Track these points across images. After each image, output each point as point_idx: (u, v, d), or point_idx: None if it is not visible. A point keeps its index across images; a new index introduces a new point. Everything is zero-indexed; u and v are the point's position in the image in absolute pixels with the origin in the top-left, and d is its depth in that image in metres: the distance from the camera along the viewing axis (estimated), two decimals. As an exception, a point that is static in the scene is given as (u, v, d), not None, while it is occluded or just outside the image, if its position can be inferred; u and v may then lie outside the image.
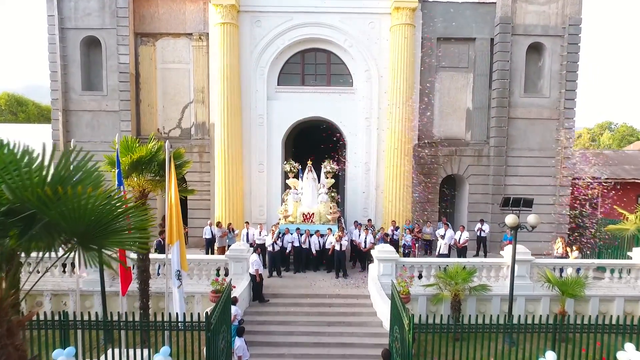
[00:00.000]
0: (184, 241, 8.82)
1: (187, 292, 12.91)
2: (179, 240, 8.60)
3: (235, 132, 18.00)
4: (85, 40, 17.94)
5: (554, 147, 18.54)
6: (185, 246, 19.23)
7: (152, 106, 18.95)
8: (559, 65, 18.23)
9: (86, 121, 18.25)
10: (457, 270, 12.32)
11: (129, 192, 11.30)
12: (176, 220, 8.70)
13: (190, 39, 18.73)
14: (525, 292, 12.99)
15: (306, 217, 15.96)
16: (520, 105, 18.53)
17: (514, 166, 18.66)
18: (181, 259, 8.62)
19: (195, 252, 18.06)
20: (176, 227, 8.68)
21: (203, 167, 18.91)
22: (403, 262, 13.32)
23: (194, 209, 19.03)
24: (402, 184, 17.95)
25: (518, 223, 11.36)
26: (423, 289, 12.66)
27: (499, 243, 18.44)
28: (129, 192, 11.30)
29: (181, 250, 8.76)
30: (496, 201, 18.60)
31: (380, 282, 12.82)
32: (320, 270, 15.44)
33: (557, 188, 18.56)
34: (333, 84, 18.99)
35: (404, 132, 17.84)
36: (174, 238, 8.60)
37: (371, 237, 15.43)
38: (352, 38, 18.17)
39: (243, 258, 13.14)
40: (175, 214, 8.69)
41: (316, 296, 13.18)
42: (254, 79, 18.37)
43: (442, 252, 15.27)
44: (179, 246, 8.55)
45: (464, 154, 19.00)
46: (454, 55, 18.92)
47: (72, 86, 18.09)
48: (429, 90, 18.90)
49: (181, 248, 8.76)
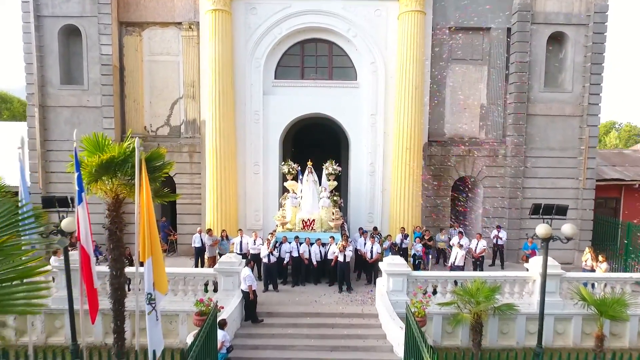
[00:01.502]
0: (161, 256, 7.23)
1: (171, 311, 11.43)
2: (152, 256, 7.00)
3: (228, 130, 16.43)
4: (64, 29, 16.37)
5: (577, 147, 16.97)
6: (174, 254, 17.90)
7: (138, 102, 17.38)
8: (583, 57, 16.66)
9: (65, 118, 16.68)
10: (478, 286, 10.76)
11: (102, 199, 9.83)
12: (149, 232, 7.12)
13: (179, 29, 17.18)
14: (555, 310, 11.44)
15: (306, 224, 14.39)
16: (540, 101, 16.96)
17: (532, 167, 17.08)
18: (157, 277, 7.02)
19: (185, 261, 16.53)
20: (149, 240, 7.09)
21: (193, 168, 17.34)
22: (416, 277, 11.76)
23: (184, 213, 17.46)
24: (411, 187, 16.37)
25: (551, 234, 9.79)
26: (438, 308, 11.09)
27: (517, 251, 16.94)
28: (102, 199, 9.83)
29: (156, 267, 7.16)
30: (513, 205, 17.06)
31: (390, 299, 11.28)
32: (321, 283, 13.89)
33: (580, 191, 16.99)
34: (335, 77, 17.42)
35: (413, 130, 16.26)
36: (147, 253, 7.01)
37: (378, 246, 13.87)
38: (356, 27, 16.59)
39: (234, 272, 11.58)
40: (148, 225, 7.11)
41: (317, 315, 11.63)
42: (249, 71, 16.80)
43: (458, 263, 13.68)
44: (151, 264, 6.96)
45: (478, 154, 17.43)
46: (467, 47, 17.36)
47: (49, 80, 16.52)
48: (440, 85, 17.36)
49: (156, 265, 7.16)
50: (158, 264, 6.98)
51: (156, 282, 6.90)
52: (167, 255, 17.56)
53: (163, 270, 7.12)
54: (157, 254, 6.97)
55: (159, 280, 6.94)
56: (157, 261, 6.98)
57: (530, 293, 11.89)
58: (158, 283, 6.92)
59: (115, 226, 9.31)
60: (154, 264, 6.93)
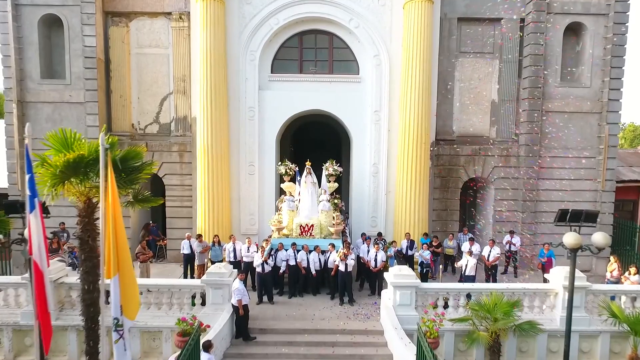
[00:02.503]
0: (132, 273, 6.04)
1: (154, 327, 10.26)
2: (118, 273, 5.81)
3: (221, 128, 15.27)
4: (45, 19, 15.22)
5: (596, 146, 15.81)
6: (164, 261, 16.74)
7: (124, 98, 16.22)
8: (602, 50, 15.50)
9: (46, 114, 15.54)
10: (496, 301, 9.63)
11: (73, 203, 8.71)
12: (115, 244, 5.93)
13: (169, 19, 16.02)
14: (580, 327, 10.26)
15: (304, 230, 13.23)
16: (556, 97, 15.79)
17: (548, 168, 15.91)
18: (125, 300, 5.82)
19: (174, 268, 15.42)
20: (115, 254, 5.89)
21: (184, 169, 16.18)
22: (426, 289, 10.60)
23: (174, 217, 16.29)
24: (418, 189, 15.19)
25: (581, 244, 8.65)
26: (451, 324, 9.94)
27: (530, 259, 15.79)
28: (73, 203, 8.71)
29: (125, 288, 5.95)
30: (527, 209, 15.90)
31: (397, 315, 10.13)
32: (320, 293, 12.75)
33: (599, 193, 15.83)
34: (336, 71, 16.24)
35: (419, 127, 15.09)
36: (113, 269, 5.82)
37: (382, 254, 12.72)
38: (358, 17, 15.43)
39: (223, 284, 10.44)
40: (114, 234, 5.92)
41: (316, 332, 10.49)
42: (243, 65, 15.63)
43: (469, 273, 12.52)
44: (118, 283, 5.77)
45: (489, 153, 16.27)
46: (477, 39, 16.20)
47: (29, 73, 15.38)
48: (448, 80, 16.21)
49: (124, 285, 5.95)
50: (127, 283, 5.77)
51: (124, 306, 5.72)
52: (157, 261, 16.44)
53: (134, 290, 5.91)
54: (125, 272, 5.76)
55: (128, 303, 5.74)
56: (126, 280, 5.77)
57: (552, 307, 10.74)
58: (126, 307, 5.72)
59: (87, 234, 8.22)
60: (121, 283, 5.75)
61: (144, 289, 10.64)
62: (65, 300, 10.72)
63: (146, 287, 10.71)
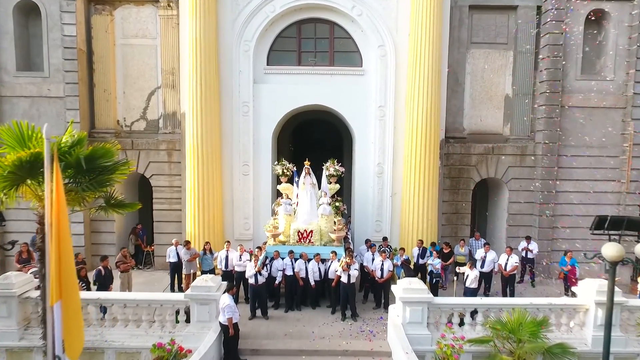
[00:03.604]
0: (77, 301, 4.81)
1: (131, 348, 9.07)
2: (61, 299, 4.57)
3: (213, 124, 14.04)
4: (20, 6, 14.04)
5: (619, 144, 14.57)
6: (151, 268, 15.48)
7: (109, 92, 15.00)
8: (627, 39, 14.26)
9: (23, 110, 14.35)
10: (521, 320, 8.41)
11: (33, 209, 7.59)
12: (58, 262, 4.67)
13: (157, 7, 14.81)
14: (616, 348, 8.95)
15: (302, 236, 11.99)
16: (576, 91, 14.56)
17: (567, 168, 14.67)
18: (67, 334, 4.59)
19: (162, 276, 14.21)
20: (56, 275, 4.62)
21: (173, 169, 14.96)
22: (439, 305, 9.36)
23: (161, 221, 15.07)
24: (426, 190, 13.95)
25: (623, 256, 7.41)
26: (467, 345, 8.72)
27: (548, 267, 14.56)
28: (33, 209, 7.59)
29: (68, 318, 4.63)
30: (544, 212, 14.65)
31: (407, 334, 8.88)
32: (320, 306, 11.53)
33: (622, 196, 14.59)
34: (337, 63, 14.99)
35: (428, 124, 13.85)
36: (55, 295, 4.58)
37: (389, 262, 11.49)
38: (362, 4, 14.19)
39: (210, 299, 9.20)
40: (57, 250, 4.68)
41: (315, 353, 9.27)
42: (237, 56, 14.40)
43: (470, 285, 11.31)
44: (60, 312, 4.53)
45: (503, 152, 15.04)
46: (490, 28, 14.99)
47: (3, 65, 14.18)
48: (458, 73, 14.99)
49: (68, 315, 4.64)
50: (70, 313, 4.54)
51: (66, 342, 4.48)
52: (144, 269, 15.25)
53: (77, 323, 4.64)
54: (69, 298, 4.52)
55: (70, 339, 4.49)
56: (70, 308, 4.54)
57: (582, 325, 9.51)
58: (69, 343, 4.48)
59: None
60: (64, 312, 4.52)
61: (120, 304, 9.46)
62: (31, 317, 9.51)
63: (123, 303, 9.51)
